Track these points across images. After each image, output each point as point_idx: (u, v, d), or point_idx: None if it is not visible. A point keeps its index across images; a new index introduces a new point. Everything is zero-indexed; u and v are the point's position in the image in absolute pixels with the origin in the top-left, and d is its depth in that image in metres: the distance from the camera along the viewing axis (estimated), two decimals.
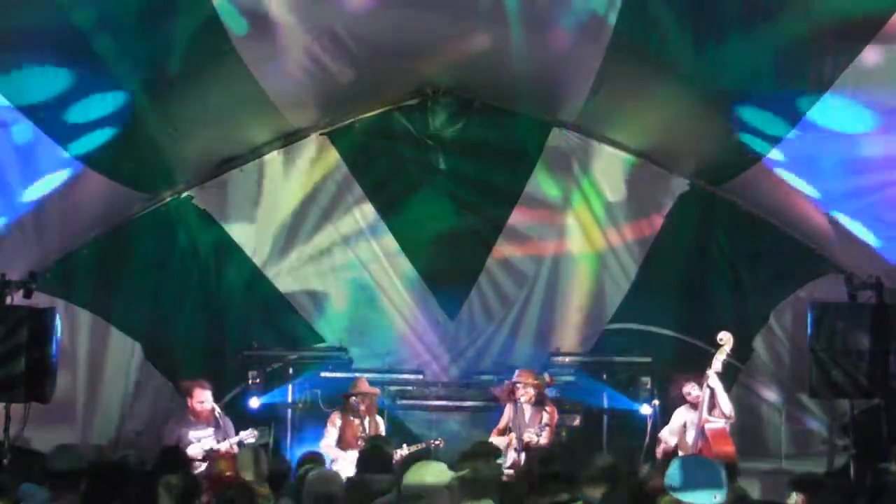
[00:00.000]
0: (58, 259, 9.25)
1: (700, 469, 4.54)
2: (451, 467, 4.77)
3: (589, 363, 10.09)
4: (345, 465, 8.61)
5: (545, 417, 8.78)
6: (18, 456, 8.09)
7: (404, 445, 8.85)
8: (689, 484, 4.37)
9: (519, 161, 10.42)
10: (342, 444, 8.95)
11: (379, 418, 9.21)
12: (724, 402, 8.44)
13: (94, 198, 8.85)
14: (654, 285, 10.31)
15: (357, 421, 8.96)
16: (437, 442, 9.18)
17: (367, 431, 8.87)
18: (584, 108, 9.62)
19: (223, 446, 8.36)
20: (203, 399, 8.59)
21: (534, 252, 10.54)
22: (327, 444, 8.95)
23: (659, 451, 8.70)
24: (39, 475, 6.28)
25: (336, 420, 9.08)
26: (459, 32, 8.60)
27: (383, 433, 9.05)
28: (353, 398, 9.07)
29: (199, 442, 8.43)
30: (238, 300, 10.37)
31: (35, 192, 7.92)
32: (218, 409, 8.66)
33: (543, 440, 8.68)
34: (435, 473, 4.55)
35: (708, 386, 8.38)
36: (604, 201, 10.37)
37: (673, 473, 4.49)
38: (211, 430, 8.55)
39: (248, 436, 8.44)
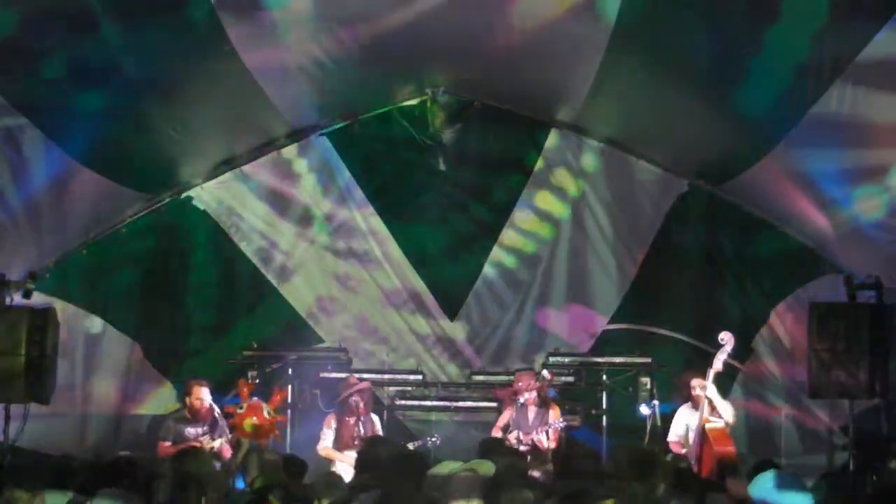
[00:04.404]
0: (57, 259, 9.26)
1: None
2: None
3: (588, 363, 10.07)
4: (343, 466, 8.60)
5: (550, 417, 8.78)
6: (19, 456, 8.07)
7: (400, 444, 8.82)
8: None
9: (519, 161, 10.44)
10: (339, 445, 8.91)
11: (375, 417, 9.18)
12: (724, 409, 8.43)
13: (93, 198, 8.85)
14: (653, 285, 10.30)
15: (353, 421, 8.92)
16: (433, 439, 9.17)
17: (364, 431, 8.84)
18: (583, 109, 9.63)
19: (217, 444, 8.34)
20: (201, 396, 8.57)
21: (533, 252, 10.54)
22: (324, 447, 8.93)
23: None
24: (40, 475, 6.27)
25: (332, 422, 9.05)
26: (460, 33, 8.60)
27: (380, 432, 9.03)
28: (352, 398, 9.03)
29: (195, 439, 8.39)
30: (237, 300, 10.36)
31: (34, 191, 7.92)
32: (217, 409, 8.63)
33: (552, 443, 8.66)
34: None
35: (707, 398, 8.38)
36: (603, 201, 10.36)
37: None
38: (206, 428, 8.52)
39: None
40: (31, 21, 6.49)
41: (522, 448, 8.60)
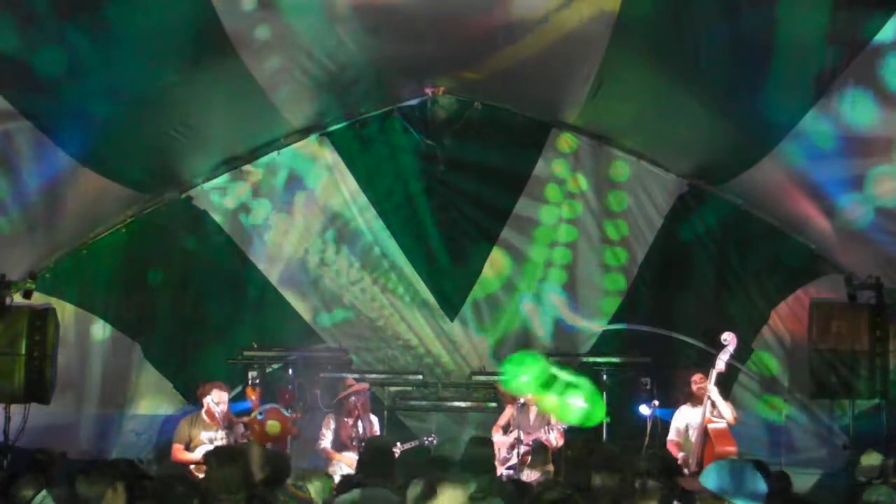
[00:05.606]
0: (58, 259, 9.27)
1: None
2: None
3: (589, 363, 10.07)
4: (341, 466, 8.61)
5: (552, 417, 8.79)
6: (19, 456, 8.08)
7: (398, 443, 8.83)
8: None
9: (519, 162, 10.44)
10: (337, 445, 8.93)
11: (374, 417, 9.19)
12: (725, 409, 8.45)
13: (93, 198, 8.85)
14: (653, 285, 10.31)
15: (351, 421, 8.93)
16: (430, 438, 9.19)
17: (362, 432, 8.85)
18: (583, 109, 9.64)
19: None
20: (220, 401, 8.42)
21: (533, 253, 10.54)
22: (323, 448, 8.94)
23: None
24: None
25: (330, 422, 9.06)
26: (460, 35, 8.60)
27: (378, 432, 9.03)
28: (351, 398, 9.04)
29: (212, 444, 8.23)
30: (237, 300, 10.36)
31: (34, 191, 7.92)
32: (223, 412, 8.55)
33: (558, 441, 8.67)
34: None
35: (709, 397, 8.40)
36: (603, 201, 10.38)
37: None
38: (223, 433, 8.40)
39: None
40: (31, 20, 6.49)
41: (524, 448, 8.62)
